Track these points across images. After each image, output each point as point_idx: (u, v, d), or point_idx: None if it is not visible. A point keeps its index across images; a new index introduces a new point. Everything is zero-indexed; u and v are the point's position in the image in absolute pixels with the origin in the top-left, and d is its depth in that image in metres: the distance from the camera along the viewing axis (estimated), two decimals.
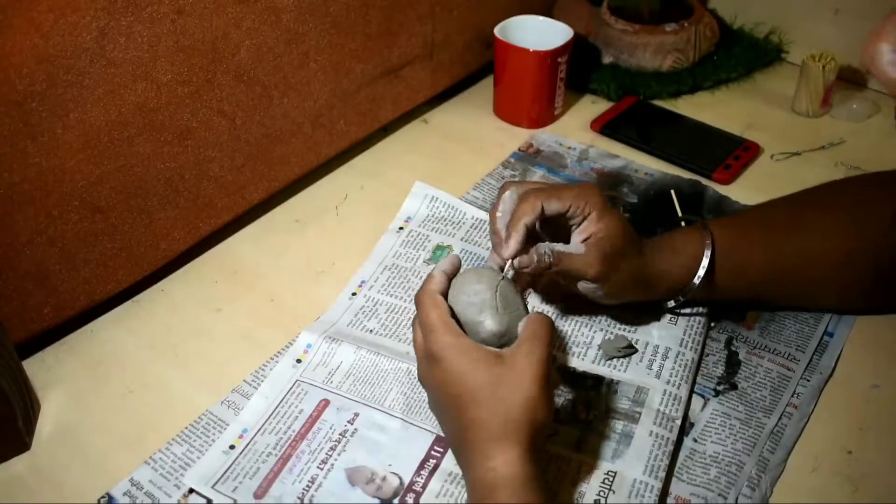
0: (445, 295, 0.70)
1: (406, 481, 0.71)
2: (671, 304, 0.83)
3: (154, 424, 0.77)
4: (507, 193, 0.79)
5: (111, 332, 0.86)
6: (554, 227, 0.78)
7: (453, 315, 0.69)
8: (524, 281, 0.84)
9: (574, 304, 0.86)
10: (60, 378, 0.81)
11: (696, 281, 0.80)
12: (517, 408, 0.63)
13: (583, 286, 0.78)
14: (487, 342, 0.69)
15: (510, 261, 0.74)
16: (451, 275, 0.72)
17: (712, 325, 0.86)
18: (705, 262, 0.79)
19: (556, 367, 0.80)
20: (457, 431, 0.66)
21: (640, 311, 0.85)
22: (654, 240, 0.82)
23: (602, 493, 0.70)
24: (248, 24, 0.87)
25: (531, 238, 0.75)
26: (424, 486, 0.70)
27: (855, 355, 0.83)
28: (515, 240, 0.74)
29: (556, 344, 0.69)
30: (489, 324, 0.69)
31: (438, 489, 0.70)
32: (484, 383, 0.64)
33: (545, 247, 0.75)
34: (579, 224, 0.76)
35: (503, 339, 0.70)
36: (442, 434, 0.74)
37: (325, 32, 0.95)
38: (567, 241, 0.77)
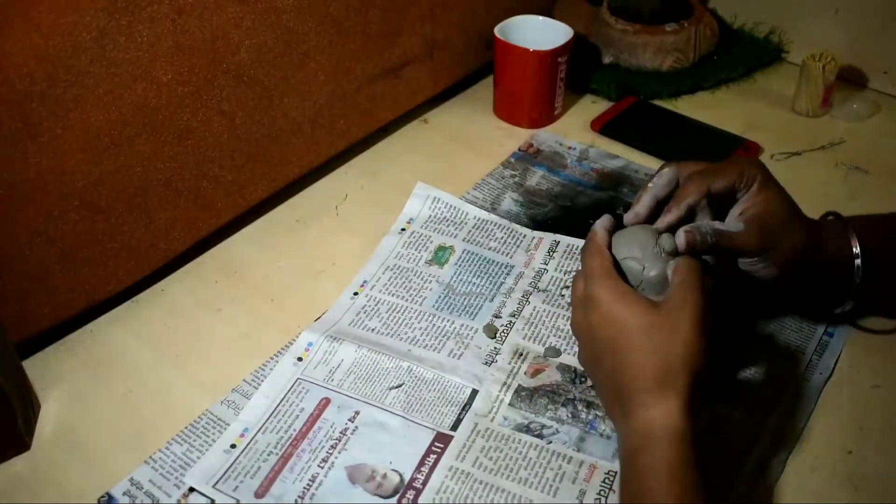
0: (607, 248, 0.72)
1: (406, 478, 0.71)
2: (838, 310, 0.82)
3: (154, 424, 0.77)
4: (666, 170, 0.78)
5: (111, 332, 0.86)
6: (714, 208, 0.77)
7: (616, 267, 0.71)
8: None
9: None
10: (60, 378, 0.81)
11: (858, 265, 0.77)
12: (675, 357, 0.64)
13: (745, 264, 0.76)
14: (648, 292, 0.70)
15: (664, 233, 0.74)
16: (612, 230, 0.73)
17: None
18: (856, 250, 0.77)
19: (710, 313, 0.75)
20: (611, 376, 0.67)
21: None
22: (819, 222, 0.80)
23: (602, 493, 0.70)
24: (248, 24, 0.87)
25: (688, 219, 0.75)
26: (425, 483, 0.70)
27: (855, 355, 0.83)
28: (674, 214, 0.74)
29: (708, 289, 0.69)
30: (650, 272, 0.70)
31: (439, 485, 0.70)
32: (641, 327, 0.65)
33: (707, 226, 0.74)
34: (746, 193, 0.75)
35: (665, 286, 0.70)
36: (443, 431, 0.74)
37: (324, 32, 0.95)
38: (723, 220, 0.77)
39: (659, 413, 0.63)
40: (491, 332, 0.84)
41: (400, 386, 0.78)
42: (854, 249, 0.77)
